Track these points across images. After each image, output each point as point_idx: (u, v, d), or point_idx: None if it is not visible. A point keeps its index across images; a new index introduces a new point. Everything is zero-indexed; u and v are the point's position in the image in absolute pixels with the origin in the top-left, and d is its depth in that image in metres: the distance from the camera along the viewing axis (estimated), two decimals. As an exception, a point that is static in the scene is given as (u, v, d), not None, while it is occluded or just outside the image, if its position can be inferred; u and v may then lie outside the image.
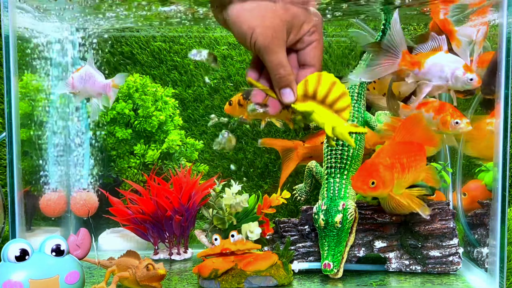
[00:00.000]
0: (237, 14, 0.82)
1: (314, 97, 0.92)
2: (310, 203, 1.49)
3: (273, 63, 0.85)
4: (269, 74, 0.87)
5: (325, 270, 1.17)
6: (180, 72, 1.68)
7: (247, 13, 0.82)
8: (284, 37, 0.84)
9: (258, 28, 0.82)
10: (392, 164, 1.10)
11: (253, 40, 0.83)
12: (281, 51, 0.84)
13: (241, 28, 0.82)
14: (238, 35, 0.84)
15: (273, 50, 0.84)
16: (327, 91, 0.92)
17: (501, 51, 1.11)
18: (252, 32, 0.82)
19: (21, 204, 1.21)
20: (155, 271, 1.08)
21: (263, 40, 0.82)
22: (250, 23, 0.82)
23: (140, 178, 1.50)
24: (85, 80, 1.35)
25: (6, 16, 1.16)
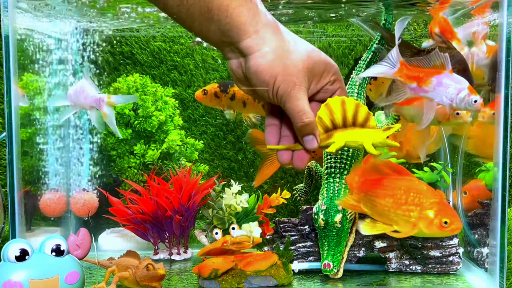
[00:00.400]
0: (258, 64, 0.81)
1: (338, 125, 0.94)
2: (310, 203, 1.49)
3: (296, 110, 0.84)
4: (290, 122, 0.86)
5: (325, 270, 1.17)
6: (180, 72, 1.68)
7: (269, 63, 0.81)
8: (306, 85, 0.84)
9: (280, 76, 0.81)
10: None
11: (275, 88, 0.82)
12: (303, 98, 0.84)
13: (263, 78, 0.82)
14: (259, 85, 0.83)
15: (296, 97, 0.83)
16: (353, 113, 0.94)
17: (501, 51, 1.11)
18: (275, 80, 0.81)
19: (21, 204, 1.21)
20: (155, 271, 1.08)
21: (286, 87, 0.82)
22: (272, 72, 0.81)
23: (140, 178, 1.50)
24: (79, 92, 1.34)
25: (6, 16, 1.16)
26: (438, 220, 0.94)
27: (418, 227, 0.95)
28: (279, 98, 0.83)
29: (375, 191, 1.00)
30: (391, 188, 0.99)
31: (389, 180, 1.01)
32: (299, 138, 0.88)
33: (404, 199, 0.96)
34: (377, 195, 1.00)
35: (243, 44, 0.80)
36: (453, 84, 1.08)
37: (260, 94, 0.84)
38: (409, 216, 0.96)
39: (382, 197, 0.99)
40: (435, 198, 0.97)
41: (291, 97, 0.83)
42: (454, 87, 1.08)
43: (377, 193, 1.00)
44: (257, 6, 0.80)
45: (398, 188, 0.99)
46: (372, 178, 1.02)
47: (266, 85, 0.82)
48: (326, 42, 1.68)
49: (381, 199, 0.99)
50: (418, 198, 0.97)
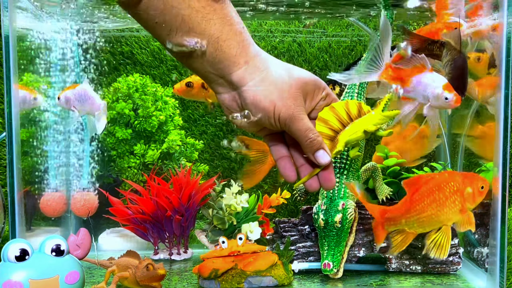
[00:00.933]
0: (255, 93, 0.83)
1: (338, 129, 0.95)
2: (310, 203, 1.49)
3: (301, 129, 0.85)
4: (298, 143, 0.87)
5: (325, 270, 1.17)
6: (180, 72, 1.68)
7: (265, 91, 0.83)
8: (303, 104, 0.86)
9: (279, 101, 0.83)
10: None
11: (276, 114, 0.84)
12: (305, 117, 0.86)
13: (262, 106, 0.83)
14: (258, 114, 0.84)
15: (298, 118, 0.85)
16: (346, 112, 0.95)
17: (501, 51, 1.11)
18: (274, 106, 0.83)
19: (21, 204, 1.21)
20: (155, 271, 1.08)
21: (287, 111, 0.84)
22: (270, 99, 0.83)
23: (140, 178, 1.50)
24: (83, 99, 1.36)
25: (6, 16, 1.16)
26: (476, 189, 1.07)
27: (465, 209, 1.07)
28: (282, 122, 0.84)
29: (414, 209, 1.07)
30: (426, 196, 1.07)
31: (417, 193, 1.08)
32: (310, 157, 0.88)
33: (443, 196, 1.05)
34: (417, 212, 1.07)
35: (234, 76, 0.82)
36: (430, 83, 1.10)
37: (260, 124, 0.86)
38: (455, 206, 1.06)
39: (424, 210, 1.07)
40: (459, 176, 1.08)
41: (294, 118, 0.84)
42: (431, 85, 1.10)
43: (416, 210, 1.07)
44: (245, 39, 0.82)
45: (430, 192, 1.07)
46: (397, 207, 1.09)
47: (267, 113, 0.83)
48: (326, 42, 1.68)
49: (424, 212, 1.07)
50: (451, 187, 1.07)
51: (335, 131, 0.94)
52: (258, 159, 1.41)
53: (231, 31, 0.80)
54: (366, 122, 0.94)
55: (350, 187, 1.16)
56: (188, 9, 0.77)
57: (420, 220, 1.07)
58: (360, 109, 0.95)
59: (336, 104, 0.92)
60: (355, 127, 0.94)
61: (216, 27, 0.79)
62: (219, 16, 0.79)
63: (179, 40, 0.78)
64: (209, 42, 0.79)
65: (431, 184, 1.08)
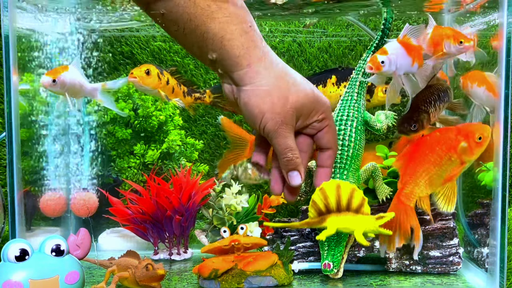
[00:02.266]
0: (249, 97, 0.84)
1: (334, 210, 1.04)
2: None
3: (281, 146, 0.87)
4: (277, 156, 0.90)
5: (325, 270, 1.17)
6: (180, 72, 1.68)
7: (258, 98, 0.84)
8: (293, 123, 0.87)
9: (268, 113, 0.84)
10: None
11: (262, 124, 0.85)
12: (289, 136, 0.87)
13: (252, 111, 0.85)
14: (247, 117, 0.87)
15: (282, 135, 0.86)
16: (348, 199, 1.03)
17: (501, 51, 1.11)
18: (263, 116, 0.85)
19: (21, 204, 1.21)
20: (154, 271, 1.08)
21: (273, 125, 0.85)
22: (260, 107, 0.84)
23: (140, 178, 1.50)
24: (72, 82, 1.33)
25: (6, 16, 1.16)
26: (473, 142, 1.09)
27: (464, 161, 1.11)
28: (266, 133, 0.86)
29: (419, 173, 1.13)
30: (422, 162, 1.12)
31: (414, 160, 1.14)
32: (284, 174, 0.91)
33: (437, 157, 1.11)
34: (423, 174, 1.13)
35: (235, 75, 0.83)
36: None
37: (248, 123, 0.89)
38: (452, 162, 1.11)
39: (427, 172, 1.12)
40: (452, 132, 1.11)
41: (278, 134, 0.86)
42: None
43: (421, 173, 1.13)
44: (252, 40, 0.82)
45: (424, 156, 1.13)
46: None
47: (254, 119, 0.85)
48: (326, 42, 1.68)
49: (430, 166, 1.12)
50: (443, 145, 1.11)
51: (327, 209, 1.04)
52: (236, 145, 1.41)
53: (236, 31, 0.80)
54: (361, 225, 1.02)
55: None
56: (193, 7, 0.78)
57: (427, 182, 1.13)
58: (352, 194, 1.03)
59: (326, 184, 1.00)
60: (349, 222, 1.02)
61: (220, 25, 0.79)
62: (225, 14, 0.79)
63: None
64: (214, 40, 0.80)
65: (423, 148, 1.10)
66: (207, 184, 1.41)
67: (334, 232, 1.02)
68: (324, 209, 1.04)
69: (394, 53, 1.12)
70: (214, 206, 1.40)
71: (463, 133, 1.11)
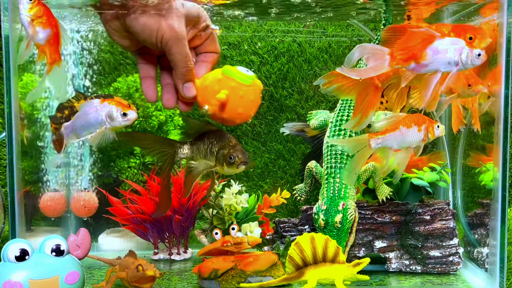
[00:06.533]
0: (139, 16, 0.87)
1: (311, 262, 1.09)
2: (310, 203, 1.48)
3: (182, 55, 0.89)
4: (172, 68, 0.92)
5: (325, 270, 1.17)
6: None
7: (150, 16, 0.87)
8: (185, 31, 0.90)
9: (164, 22, 0.87)
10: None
11: (160, 34, 0.87)
12: (187, 44, 0.90)
13: (147, 26, 0.87)
14: (144, 33, 0.88)
15: (181, 42, 0.89)
16: (323, 249, 1.08)
17: (501, 51, 1.11)
18: (159, 26, 0.87)
19: (21, 204, 1.21)
20: (143, 272, 1.07)
21: (171, 32, 0.87)
22: (155, 20, 0.87)
23: (140, 178, 1.50)
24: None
25: (6, 16, 1.16)
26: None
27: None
28: (165, 43, 0.88)
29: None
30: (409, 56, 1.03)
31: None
32: (178, 86, 0.94)
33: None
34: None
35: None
36: (450, 47, 1.03)
37: (146, 42, 0.90)
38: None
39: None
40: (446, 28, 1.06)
41: (177, 41, 0.88)
42: (453, 49, 1.03)
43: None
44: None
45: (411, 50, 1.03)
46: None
47: (150, 32, 0.88)
48: (326, 42, 1.68)
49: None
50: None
51: (304, 262, 1.08)
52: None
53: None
54: (338, 274, 1.07)
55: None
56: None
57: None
58: (326, 245, 1.07)
59: (301, 238, 1.06)
60: (328, 272, 1.08)
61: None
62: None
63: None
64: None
65: (411, 39, 1.05)
66: (207, 184, 1.40)
67: (315, 286, 1.07)
68: (301, 262, 1.09)
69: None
70: (214, 206, 1.40)
71: (456, 32, 1.06)
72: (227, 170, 1.03)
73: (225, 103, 0.95)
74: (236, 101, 0.95)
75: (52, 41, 1.06)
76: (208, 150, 1.05)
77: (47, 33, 1.05)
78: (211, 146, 1.04)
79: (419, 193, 1.36)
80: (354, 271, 1.07)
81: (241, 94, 0.95)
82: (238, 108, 0.96)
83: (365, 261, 1.08)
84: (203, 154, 1.05)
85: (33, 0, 1.04)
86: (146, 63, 0.96)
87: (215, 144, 1.04)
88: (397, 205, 1.28)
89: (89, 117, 1.08)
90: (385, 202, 1.28)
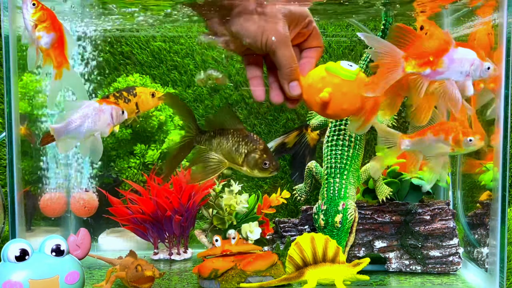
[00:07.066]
0: (243, 22, 0.90)
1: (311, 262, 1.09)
2: (310, 203, 1.49)
3: (286, 56, 0.92)
4: (278, 69, 0.94)
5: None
6: (180, 72, 1.68)
7: (253, 21, 0.91)
8: (288, 33, 0.92)
9: (267, 27, 0.90)
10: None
11: (264, 38, 0.90)
12: (290, 45, 0.93)
13: (251, 31, 0.91)
14: (248, 38, 0.91)
15: (285, 45, 0.91)
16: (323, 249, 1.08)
17: (501, 51, 1.11)
18: (262, 31, 0.90)
19: (21, 204, 1.21)
20: (142, 272, 1.07)
21: (276, 35, 0.90)
22: (258, 25, 0.90)
23: (140, 178, 1.50)
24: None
25: (6, 16, 1.16)
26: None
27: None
28: (269, 46, 0.91)
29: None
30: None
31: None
32: (284, 86, 0.95)
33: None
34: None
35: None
36: (464, 58, 1.02)
37: (250, 45, 0.93)
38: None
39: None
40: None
41: (282, 44, 0.92)
42: (466, 59, 1.02)
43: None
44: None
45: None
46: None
47: (254, 37, 0.91)
48: (326, 42, 1.68)
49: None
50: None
51: (304, 262, 1.08)
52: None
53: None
54: (338, 275, 1.07)
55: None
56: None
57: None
58: (326, 245, 1.07)
59: (301, 238, 1.06)
60: (328, 272, 1.08)
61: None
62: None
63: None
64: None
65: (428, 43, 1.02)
66: (207, 184, 1.40)
67: (315, 286, 1.07)
68: (301, 262, 1.09)
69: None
70: (214, 206, 1.40)
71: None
72: (257, 173, 1.03)
73: (328, 101, 0.95)
74: (340, 97, 0.95)
75: (56, 45, 1.08)
76: (233, 148, 1.04)
77: (51, 37, 1.06)
78: (237, 145, 1.04)
79: (419, 193, 1.36)
80: (354, 271, 1.07)
81: (345, 90, 0.95)
82: (342, 104, 0.96)
83: (365, 261, 1.08)
84: (226, 151, 1.05)
85: (36, 4, 1.04)
86: (253, 64, 0.99)
87: (243, 144, 1.04)
88: (397, 205, 1.28)
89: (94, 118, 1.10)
90: (385, 202, 1.28)
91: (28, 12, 1.04)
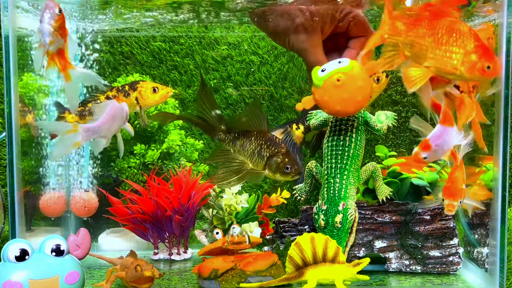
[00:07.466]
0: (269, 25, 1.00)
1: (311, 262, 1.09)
2: (310, 203, 1.49)
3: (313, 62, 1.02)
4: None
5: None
6: (180, 72, 1.68)
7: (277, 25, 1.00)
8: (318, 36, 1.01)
9: (291, 34, 1.00)
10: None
11: (290, 44, 1.00)
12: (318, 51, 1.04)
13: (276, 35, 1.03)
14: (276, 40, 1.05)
15: (311, 51, 1.02)
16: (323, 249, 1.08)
17: (501, 51, 1.11)
18: (287, 38, 1.01)
19: (21, 204, 1.21)
20: (141, 272, 1.07)
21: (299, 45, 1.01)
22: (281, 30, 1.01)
23: (140, 178, 1.50)
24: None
25: (6, 16, 1.16)
26: (481, 65, 0.96)
27: (459, 71, 0.96)
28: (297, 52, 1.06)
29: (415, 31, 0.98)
30: (431, 28, 0.97)
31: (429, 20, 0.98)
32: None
33: (445, 39, 0.96)
34: (416, 34, 0.97)
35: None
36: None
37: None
38: (450, 58, 0.96)
39: (421, 37, 0.97)
40: (477, 41, 0.97)
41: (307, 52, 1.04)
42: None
43: (417, 33, 0.97)
44: None
45: (438, 28, 0.97)
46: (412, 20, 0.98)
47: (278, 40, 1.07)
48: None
49: (420, 39, 0.97)
50: (462, 40, 0.96)
51: (304, 262, 1.09)
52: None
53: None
54: (338, 275, 1.08)
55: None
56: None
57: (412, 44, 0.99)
58: (326, 245, 1.08)
59: (301, 238, 1.07)
60: (328, 273, 1.08)
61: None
62: None
63: None
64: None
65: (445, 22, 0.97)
66: (207, 184, 1.40)
67: (315, 286, 1.08)
68: (301, 262, 1.09)
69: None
70: (214, 206, 1.40)
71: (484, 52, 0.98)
72: (279, 177, 1.03)
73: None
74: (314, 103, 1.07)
75: (60, 49, 1.11)
76: (256, 151, 1.04)
77: (61, 43, 1.10)
78: (259, 148, 1.03)
79: (419, 193, 1.35)
80: (354, 271, 1.07)
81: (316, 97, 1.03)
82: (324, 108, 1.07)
83: (365, 261, 1.08)
84: (249, 153, 1.05)
85: (61, 13, 1.07)
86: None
87: (265, 148, 1.03)
88: (397, 205, 1.28)
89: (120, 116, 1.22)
90: (385, 202, 1.28)
91: (51, 18, 1.06)
